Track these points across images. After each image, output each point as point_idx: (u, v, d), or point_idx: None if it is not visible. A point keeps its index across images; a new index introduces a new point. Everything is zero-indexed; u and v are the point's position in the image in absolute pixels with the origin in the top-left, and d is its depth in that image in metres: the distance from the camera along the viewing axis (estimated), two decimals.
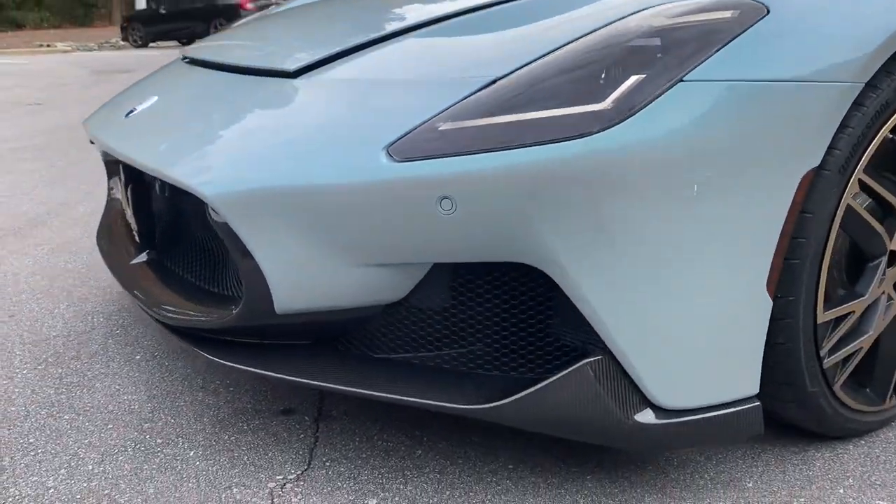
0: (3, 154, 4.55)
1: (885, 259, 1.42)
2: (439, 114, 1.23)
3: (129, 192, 1.70)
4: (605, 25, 1.27)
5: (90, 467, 1.44)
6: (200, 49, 1.99)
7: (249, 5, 17.58)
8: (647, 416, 1.25)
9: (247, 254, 1.29)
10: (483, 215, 1.18)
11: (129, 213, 1.74)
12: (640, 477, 1.42)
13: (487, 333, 1.34)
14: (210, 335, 1.48)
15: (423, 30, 1.50)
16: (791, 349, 1.32)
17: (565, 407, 1.24)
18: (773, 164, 1.19)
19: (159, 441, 1.53)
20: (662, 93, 1.16)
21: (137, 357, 1.89)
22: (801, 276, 1.29)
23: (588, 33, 1.26)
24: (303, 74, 1.48)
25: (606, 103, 1.16)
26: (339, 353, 1.43)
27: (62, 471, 1.43)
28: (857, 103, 1.26)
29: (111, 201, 2.17)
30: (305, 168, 1.27)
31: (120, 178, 1.75)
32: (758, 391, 1.31)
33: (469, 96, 1.23)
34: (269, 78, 1.53)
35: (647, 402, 1.26)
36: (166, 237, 1.79)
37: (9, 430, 1.57)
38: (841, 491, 1.38)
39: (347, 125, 1.31)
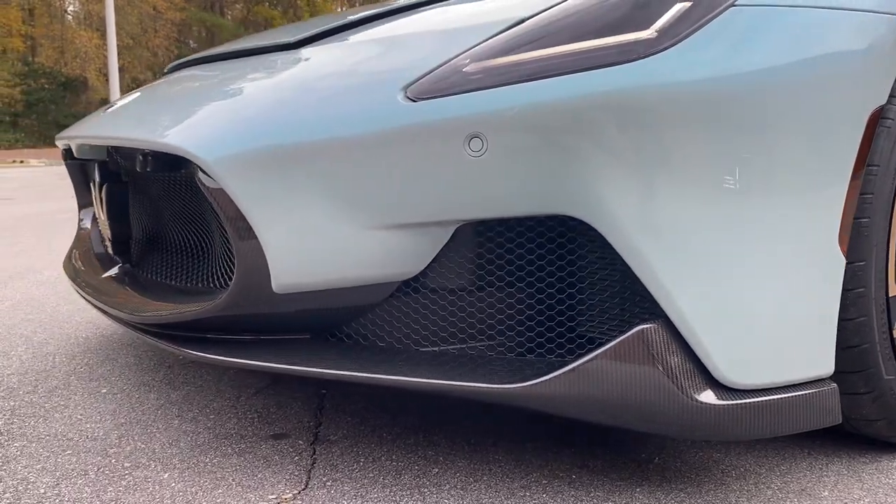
0: None
1: None
2: (462, 53, 1.10)
3: (103, 194, 1.53)
4: None
5: (42, 490, 1.20)
6: (195, 56, 1.87)
7: None
8: (710, 396, 1.07)
9: (242, 223, 1.12)
10: (519, 155, 1.03)
11: (102, 218, 1.56)
12: (698, 488, 1.21)
13: (520, 309, 1.16)
14: (191, 334, 1.28)
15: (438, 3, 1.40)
16: (864, 325, 1.16)
17: (616, 384, 1.05)
18: (837, 99, 1.07)
19: (127, 465, 1.29)
20: (712, 18, 1.05)
21: (104, 391, 1.66)
22: (871, 238, 1.14)
23: None
24: (306, 45, 1.36)
25: (650, 31, 1.05)
26: (343, 344, 1.23)
27: (7, 495, 1.18)
28: None
29: (81, 232, 1.99)
30: (312, 122, 1.12)
31: (94, 182, 1.58)
32: (833, 371, 1.14)
33: (494, 36, 1.11)
34: (271, 54, 1.41)
35: (709, 380, 1.07)
36: (141, 246, 1.61)
37: None
38: None
39: (359, 74, 1.18)
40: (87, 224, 1.98)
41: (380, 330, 1.21)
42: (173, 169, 1.28)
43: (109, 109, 1.53)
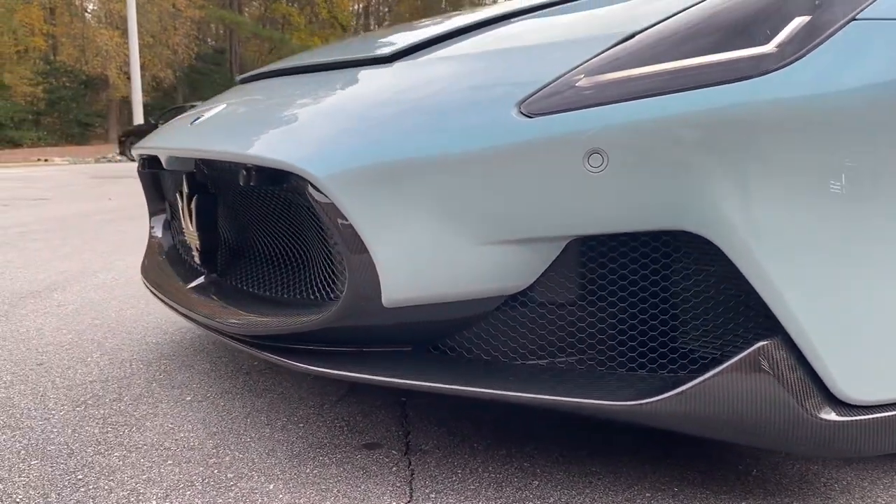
0: (12, 237, 4.39)
1: None
2: (574, 69, 1.10)
3: (192, 206, 1.54)
4: None
5: (153, 502, 1.21)
6: (268, 68, 1.88)
7: None
8: (830, 413, 1.06)
9: (354, 238, 1.13)
10: (639, 171, 1.03)
11: (190, 229, 1.58)
12: (804, 502, 1.21)
13: (632, 325, 1.16)
14: (286, 345, 1.29)
15: (534, 12, 1.39)
16: None
17: (735, 401, 1.05)
18: None
19: (230, 475, 1.30)
20: (834, 32, 1.04)
21: (188, 398, 1.67)
22: None
23: None
24: (402, 58, 1.36)
25: (770, 46, 1.04)
26: (446, 357, 1.24)
27: None
28: None
29: (152, 240, 2.01)
30: (422, 138, 1.12)
31: (181, 194, 1.60)
32: None
33: (606, 50, 1.11)
34: (362, 68, 1.41)
35: (827, 396, 1.07)
36: (227, 256, 1.62)
37: (51, 467, 1.34)
38: None
39: (468, 89, 1.18)
40: (159, 232, 2.01)
41: (485, 343, 1.22)
42: (274, 183, 1.28)
43: (197, 121, 1.54)
